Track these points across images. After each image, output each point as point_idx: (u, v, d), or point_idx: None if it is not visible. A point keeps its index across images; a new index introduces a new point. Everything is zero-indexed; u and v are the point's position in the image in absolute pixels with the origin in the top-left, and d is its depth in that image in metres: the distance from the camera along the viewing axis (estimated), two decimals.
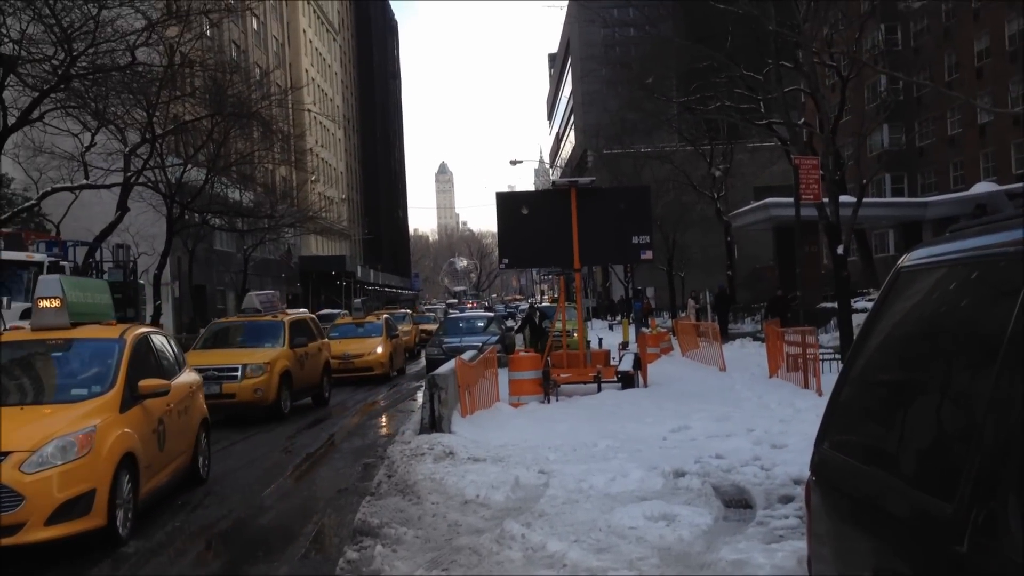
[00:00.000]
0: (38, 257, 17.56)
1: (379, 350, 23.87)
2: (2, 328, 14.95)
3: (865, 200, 29.21)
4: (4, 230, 22.17)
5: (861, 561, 3.02)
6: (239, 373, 15.39)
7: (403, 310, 42.56)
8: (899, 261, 3.38)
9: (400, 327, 30.41)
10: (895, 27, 49.52)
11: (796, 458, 9.14)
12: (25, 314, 16.02)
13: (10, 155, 25.21)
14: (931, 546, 2.49)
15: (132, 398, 8.21)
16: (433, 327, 41.67)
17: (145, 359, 9.05)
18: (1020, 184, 32.25)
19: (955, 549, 2.32)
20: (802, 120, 33.51)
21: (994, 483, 2.22)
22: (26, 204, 28.08)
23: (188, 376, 10.46)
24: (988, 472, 2.26)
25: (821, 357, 15.81)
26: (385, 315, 28.26)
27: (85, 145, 26.37)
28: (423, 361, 29.73)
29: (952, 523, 2.34)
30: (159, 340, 10.06)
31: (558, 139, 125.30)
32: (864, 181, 23.79)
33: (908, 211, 40.63)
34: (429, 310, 67.72)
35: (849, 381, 3.56)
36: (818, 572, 3.52)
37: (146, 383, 8.39)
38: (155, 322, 30.15)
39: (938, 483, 2.53)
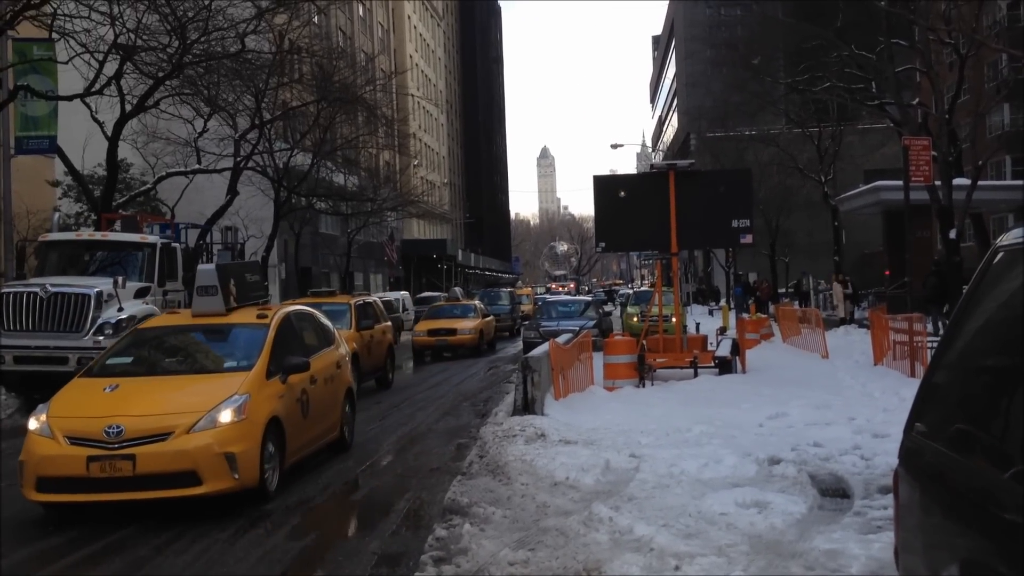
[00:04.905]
0: (151, 239, 18.22)
1: (224, 420, 8.31)
2: (119, 309, 15.66)
3: (982, 183, 28.00)
4: (122, 213, 23.18)
5: (950, 554, 2.89)
6: None
7: (395, 294, 25.50)
8: (997, 240, 3.23)
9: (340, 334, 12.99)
10: (1018, 2, 47.08)
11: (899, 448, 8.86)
12: (139, 293, 16.74)
13: (128, 141, 26.29)
14: None
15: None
16: (442, 326, 26.29)
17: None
18: None
19: None
20: (916, 100, 32.27)
21: None
22: (143, 188, 29.36)
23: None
24: None
25: (929, 345, 15.23)
26: (288, 309, 11.07)
27: (198, 131, 27.32)
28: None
29: None
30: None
31: (661, 123, 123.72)
32: (980, 163, 22.73)
33: None
34: (482, 294, 41.00)
35: (943, 365, 3.42)
36: (906, 564, 3.39)
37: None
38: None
39: None
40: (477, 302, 31.76)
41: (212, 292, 10.09)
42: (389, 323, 20.36)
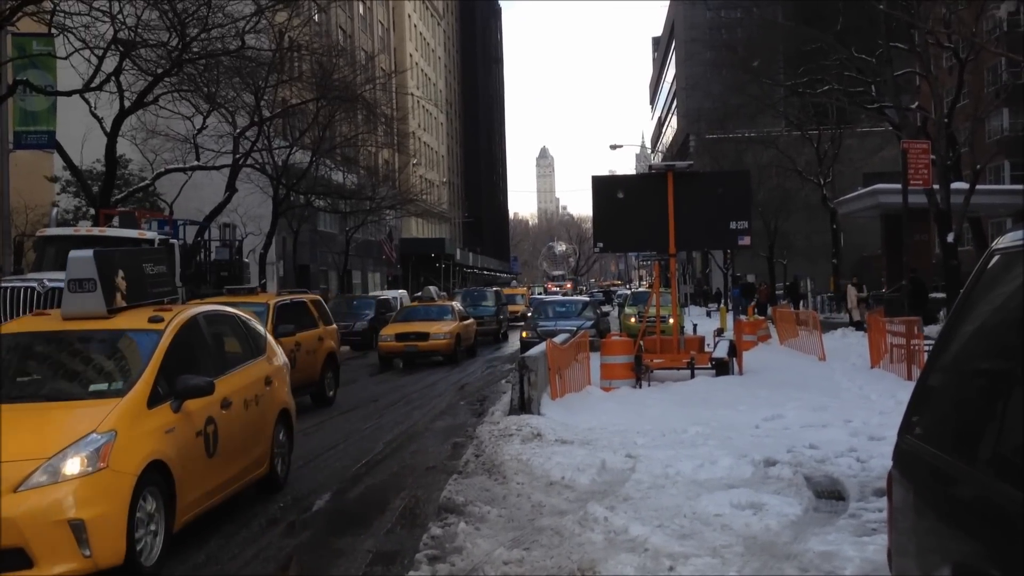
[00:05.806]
0: (149, 235, 18.26)
1: (70, 471, 5.87)
2: None
3: (981, 187, 28.03)
4: (120, 209, 23.17)
5: (942, 557, 2.90)
6: None
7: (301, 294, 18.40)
8: (993, 243, 3.23)
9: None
10: (1018, 7, 47.10)
11: None
12: None
13: (127, 137, 26.28)
14: (1020, 546, 2.37)
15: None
16: (412, 330, 23.68)
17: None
18: None
19: None
20: (915, 104, 32.30)
21: None
22: (141, 184, 29.34)
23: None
24: None
25: (927, 348, 15.24)
26: (195, 311, 8.38)
27: (197, 128, 27.31)
28: None
29: None
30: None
31: (660, 124, 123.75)
32: (978, 167, 22.75)
33: None
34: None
35: (938, 368, 3.42)
36: (899, 566, 3.40)
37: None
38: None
39: None
40: (455, 303, 28.32)
41: (89, 287, 7.29)
42: (332, 327, 17.29)
